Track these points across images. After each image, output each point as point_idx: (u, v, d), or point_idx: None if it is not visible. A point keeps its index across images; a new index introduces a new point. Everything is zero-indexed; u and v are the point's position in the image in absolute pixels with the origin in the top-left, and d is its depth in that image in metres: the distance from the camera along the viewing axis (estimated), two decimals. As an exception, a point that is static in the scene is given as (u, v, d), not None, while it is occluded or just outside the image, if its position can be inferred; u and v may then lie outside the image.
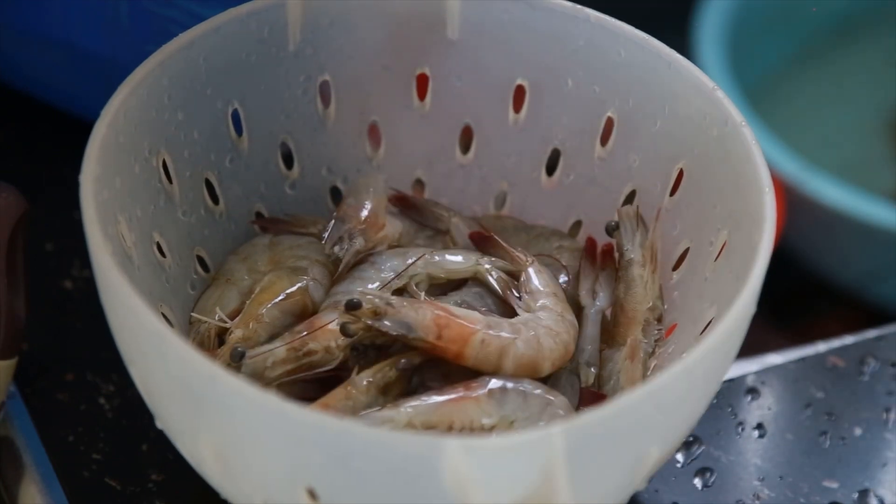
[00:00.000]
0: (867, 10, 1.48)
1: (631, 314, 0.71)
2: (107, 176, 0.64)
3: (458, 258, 0.72)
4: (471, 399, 0.64)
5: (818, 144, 1.41)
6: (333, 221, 0.73)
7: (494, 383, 0.65)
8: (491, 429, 0.64)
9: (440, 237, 0.75)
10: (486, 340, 0.66)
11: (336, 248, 0.71)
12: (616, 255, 0.73)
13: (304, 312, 0.70)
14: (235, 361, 0.66)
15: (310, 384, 0.67)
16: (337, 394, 0.65)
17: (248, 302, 0.70)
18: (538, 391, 0.65)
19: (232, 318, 0.69)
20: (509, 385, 0.65)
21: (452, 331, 0.66)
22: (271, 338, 0.68)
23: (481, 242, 0.74)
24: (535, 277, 0.71)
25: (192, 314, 0.70)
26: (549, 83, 0.74)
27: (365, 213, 0.73)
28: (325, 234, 0.72)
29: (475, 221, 0.76)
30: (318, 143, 0.76)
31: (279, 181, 0.76)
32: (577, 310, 0.72)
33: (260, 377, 0.66)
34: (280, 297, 0.70)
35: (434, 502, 0.55)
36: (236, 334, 0.68)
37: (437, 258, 0.72)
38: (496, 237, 0.73)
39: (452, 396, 0.64)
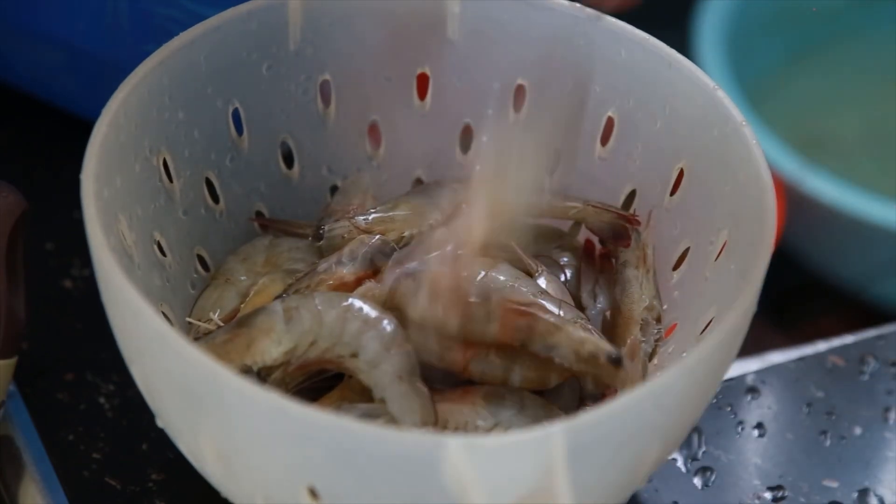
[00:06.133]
0: (867, 10, 1.48)
1: (627, 314, 0.71)
2: (107, 175, 0.64)
3: None
4: (467, 403, 0.64)
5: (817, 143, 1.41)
6: (322, 220, 0.73)
7: (493, 392, 0.65)
8: (486, 431, 0.64)
9: None
10: (492, 354, 0.66)
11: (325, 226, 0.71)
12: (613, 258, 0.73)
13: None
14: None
15: (305, 392, 0.67)
16: (332, 396, 0.65)
17: (242, 306, 0.70)
18: (538, 409, 0.65)
19: (231, 319, 0.69)
20: (507, 396, 0.65)
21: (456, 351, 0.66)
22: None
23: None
24: (545, 287, 0.71)
25: (188, 319, 0.70)
26: (550, 83, 0.74)
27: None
28: (319, 231, 0.72)
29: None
30: (319, 142, 0.76)
31: (280, 180, 0.76)
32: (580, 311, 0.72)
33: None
34: (274, 301, 0.70)
35: (435, 501, 0.55)
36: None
37: None
38: (513, 244, 0.72)
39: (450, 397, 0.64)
